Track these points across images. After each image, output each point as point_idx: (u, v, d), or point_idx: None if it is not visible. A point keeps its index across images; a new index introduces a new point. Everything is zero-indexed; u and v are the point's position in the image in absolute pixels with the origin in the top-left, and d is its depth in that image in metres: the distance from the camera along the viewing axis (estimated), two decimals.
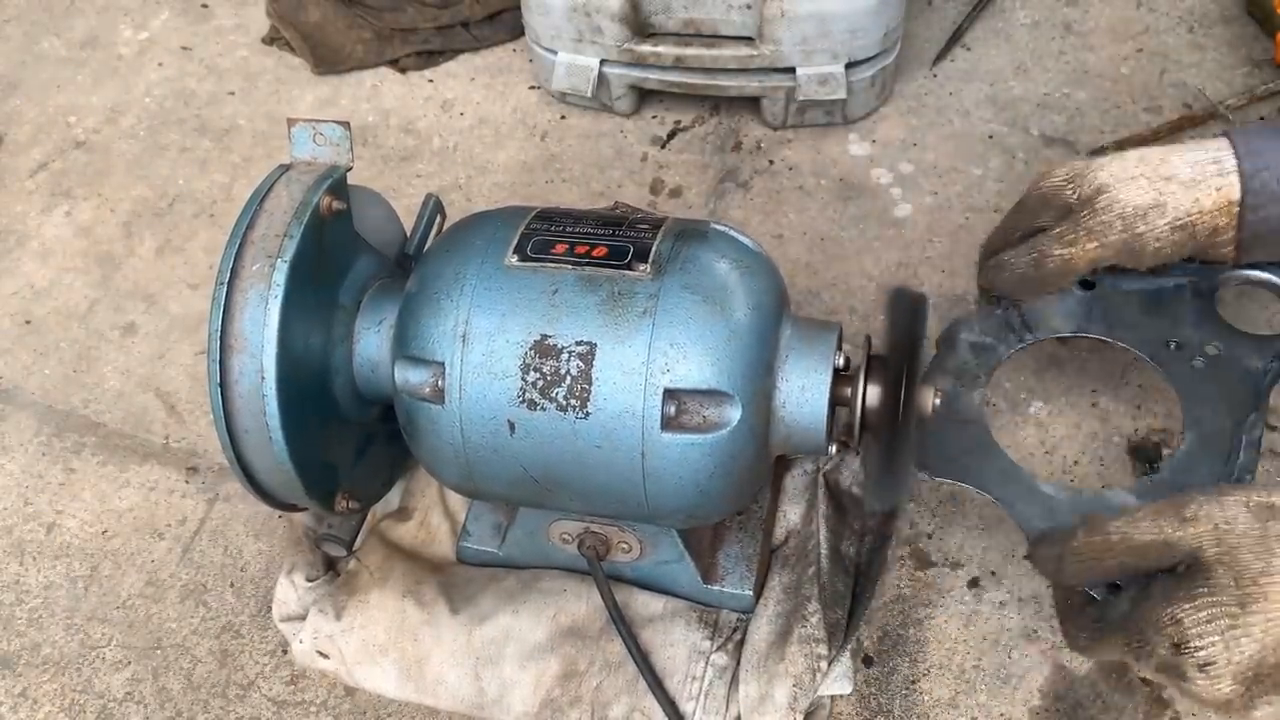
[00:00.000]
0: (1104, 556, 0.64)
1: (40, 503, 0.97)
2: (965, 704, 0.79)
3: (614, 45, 1.10)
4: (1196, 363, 0.81)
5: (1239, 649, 0.59)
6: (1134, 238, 0.74)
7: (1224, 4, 1.20)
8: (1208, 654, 0.59)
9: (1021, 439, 0.91)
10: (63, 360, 1.06)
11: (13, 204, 1.19)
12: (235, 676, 0.86)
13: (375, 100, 1.24)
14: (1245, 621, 0.59)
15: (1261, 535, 0.60)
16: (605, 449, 0.65)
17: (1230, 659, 0.59)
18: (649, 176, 1.14)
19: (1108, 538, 0.64)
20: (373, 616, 0.79)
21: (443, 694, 0.77)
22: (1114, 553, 0.64)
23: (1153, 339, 0.83)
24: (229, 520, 0.94)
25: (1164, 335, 0.82)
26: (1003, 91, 1.16)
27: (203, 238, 1.14)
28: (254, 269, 0.67)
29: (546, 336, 0.65)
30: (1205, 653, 0.59)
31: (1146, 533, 0.62)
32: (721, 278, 0.66)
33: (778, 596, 0.79)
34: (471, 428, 0.67)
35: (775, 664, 0.74)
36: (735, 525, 0.81)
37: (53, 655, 0.88)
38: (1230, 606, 0.59)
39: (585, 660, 0.77)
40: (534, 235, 0.70)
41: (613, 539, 0.76)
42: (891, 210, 1.08)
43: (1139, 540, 0.63)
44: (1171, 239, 0.74)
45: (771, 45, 1.07)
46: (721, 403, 0.64)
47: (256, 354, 0.66)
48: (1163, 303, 0.84)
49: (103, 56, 1.32)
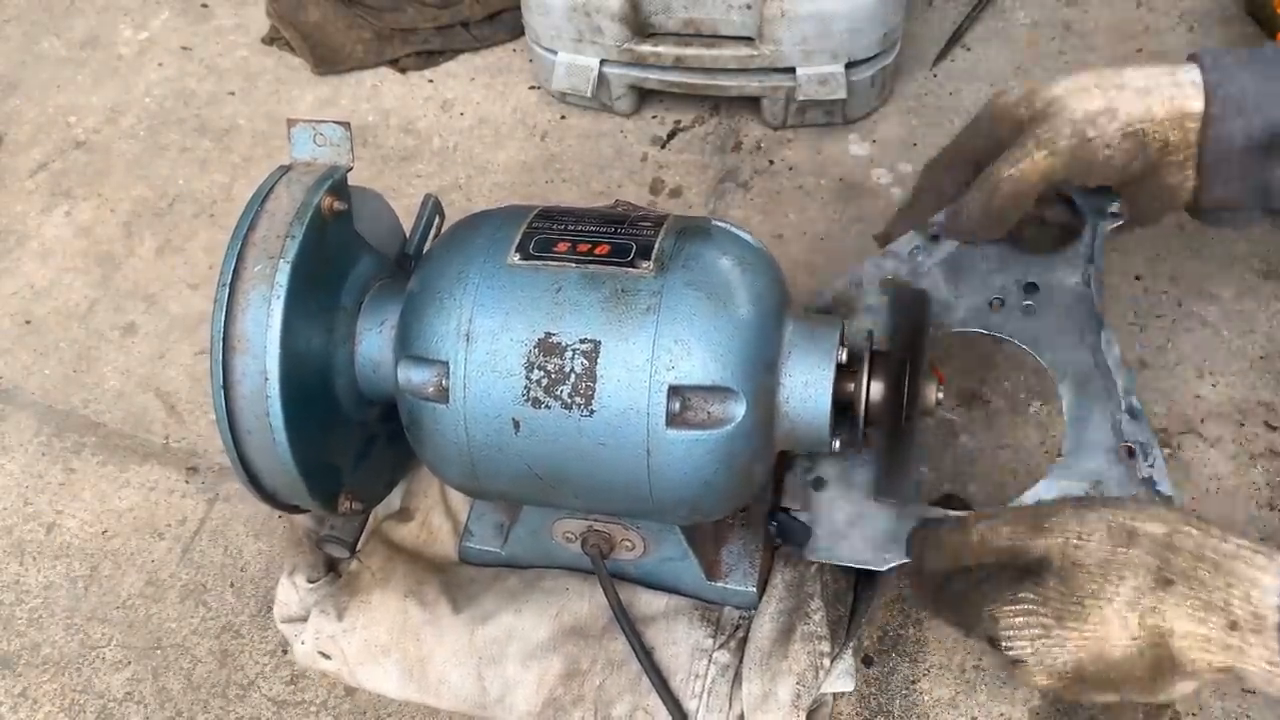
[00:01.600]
0: (961, 553, 0.66)
1: (40, 503, 0.96)
2: (965, 704, 0.79)
3: (614, 45, 1.10)
4: (1026, 306, 0.79)
5: (1050, 655, 0.61)
6: (1083, 143, 0.73)
7: (1224, 4, 1.20)
8: (1016, 654, 0.62)
9: (1021, 439, 0.91)
10: (63, 360, 1.06)
11: (13, 204, 1.19)
12: (235, 676, 0.85)
13: (375, 100, 1.24)
14: (1058, 634, 0.61)
15: (1107, 559, 0.61)
16: (610, 446, 0.65)
17: (1041, 661, 0.61)
18: (649, 176, 1.14)
19: (967, 537, 0.66)
20: (375, 617, 0.79)
21: (445, 694, 0.77)
22: (970, 551, 0.66)
23: (976, 305, 0.80)
24: (229, 520, 0.94)
25: (984, 296, 0.80)
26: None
27: (203, 238, 1.14)
28: (256, 270, 0.67)
29: (550, 334, 0.65)
30: (1014, 652, 0.62)
31: (1004, 539, 0.64)
32: (724, 274, 0.66)
33: (780, 593, 0.78)
34: (476, 426, 0.67)
35: (778, 661, 0.74)
36: (738, 522, 0.81)
37: (53, 655, 0.88)
38: (1045, 618, 0.61)
39: (588, 659, 0.77)
40: (536, 234, 0.70)
41: (616, 537, 0.76)
42: (891, 210, 1.08)
43: (995, 545, 0.65)
44: (1122, 146, 0.73)
45: (771, 45, 1.07)
46: (726, 399, 0.64)
47: (259, 355, 0.66)
48: (961, 265, 0.81)
49: (103, 56, 1.32)
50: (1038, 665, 0.62)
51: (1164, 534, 0.60)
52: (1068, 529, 0.62)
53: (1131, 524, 0.61)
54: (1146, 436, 0.73)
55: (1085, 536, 0.61)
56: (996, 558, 0.65)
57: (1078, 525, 0.62)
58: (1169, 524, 0.61)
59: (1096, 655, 0.60)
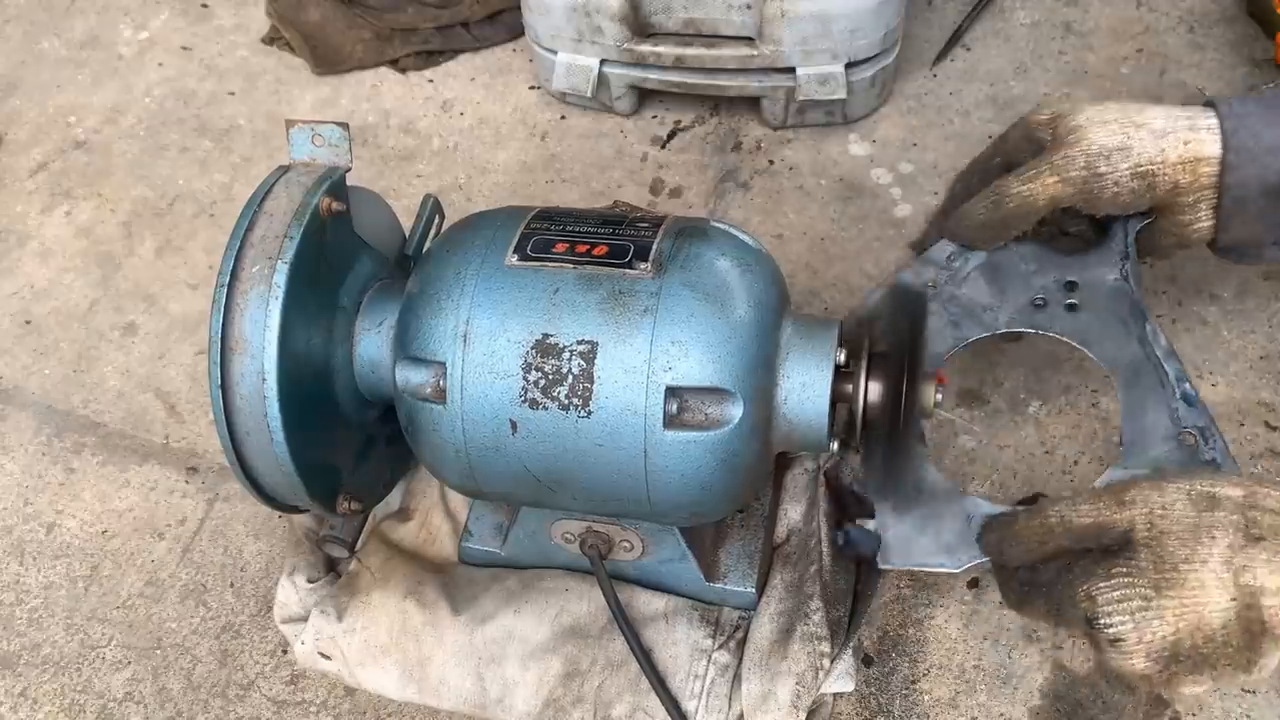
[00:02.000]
0: (1045, 539, 0.66)
1: (40, 503, 0.97)
2: (965, 704, 0.79)
3: (614, 45, 1.10)
4: (1069, 304, 0.80)
5: (1150, 629, 0.60)
6: (1094, 177, 0.74)
7: (1224, 4, 1.20)
8: (1116, 631, 0.61)
9: (1022, 439, 0.91)
10: (63, 360, 1.06)
11: (13, 204, 1.19)
12: (235, 676, 0.85)
13: (375, 100, 1.24)
14: (1158, 604, 0.60)
15: (1194, 524, 0.61)
16: (607, 447, 0.65)
17: (1140, 638, 0.61)
18: (649, 176, 1.14)
19: (1046, 520, 0.66)
20: (374, 617, 0.79)
21: (445, 694, 0.77)
22: (1053, 535, 0.65)
23: (1022, 304, 0.81)
24: (229, 520, 0.94)
25: (1026, 296, 0.81)
26: (1003, 91, 1.16)
27: (203, 238, 1.14)
28: (254, 270, 0.67)
29: (548, 335, 0.65)
30: (1114, 630, 0.61)
31: (1085, 515, 0.64)
32: (722, 275, 0.66)
33: (780, 594, 0.78)
34: (473, 427, 0.67)
35: (778, 662, 0.74)
36: (737, 523, 0.81)
37: (53, 655, 0.88)
38: (1144, 589, 0.61)
39: (587, 659, 0.77)
40: (534, 235, 0.70)
41: (615, 538, 0.76)
42: (891, 210, 1.08)
43: (1077, 524, 0.64)
44: (1130, 185, 0.74)
45: (771, 45, 1.07)
46: (723, 400, 0.64)
47: (258, 356, 0.66)
48: (1001, 269, 0.82)
49: (103, 56, 1.32)
50: (1137, 643, 0.61)
51: (1243, 496, 0.61)
52: (1150, 500, 0.62)
53: (1211, 489, 0.62)
54: (1205, 421, 0.74)
55: (1168, 506, 0.62)
56: (1078, 540, 0.64)
57: (1159, 496, 0.62)
58: (1245, 487, 0.62)
59: (1194, 626, 0.60)
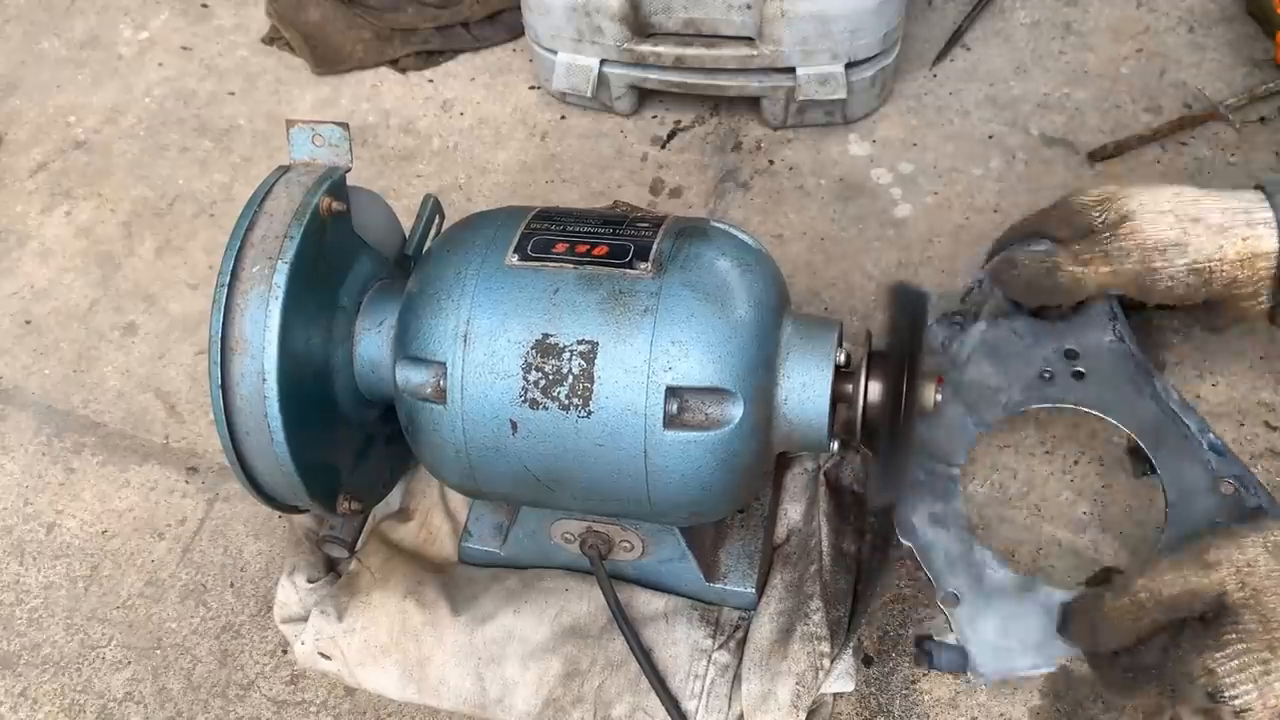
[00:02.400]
0: (1137, 617, 0.64)
1: (40, 503, 0.97)
2: (965, 704, 0.79)
3: (614, 45, 1.10)
4: (1076, 372, 0.80)
5: (1273, 693, 0.59)
6: (1148, 271, 0.74)
7: (1224, 4, 1.20)
8: (1244, 701, 0.60)
9: (1022, 439, 0.91)
10: (63, 360, 1.06)
11: (13, 204, 1.19)
12: (235, 676, 0.85)
13: (375, 100, 1.24)
14: (1277, 666, 0.59)
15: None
16: (608, 447, 0.65)
17: (1265, 703, 0.59)
18: (649, 176, 1.14)
19: (1136, 597, 0.64)
20: (374, 617, 0.79)
21: (445, 694, 0.77)
22: (1145, 612, 0.64)
23: (1030, 379, 0.81)
24: (229, 520, 0.94)
25: (1033, 370, 0.81)
26: (1003, 91, 1.16)
27: (203, 238, 1.14)
28: (254, 270, 0.67)
29: (548, 335, 0.65)
30: (1241, 700, 0.60)
31: (1172, 585, 0.63)
32: (722, 275, 0.66)
33: (780, 594, 0.78)
34: (473, 427, 0.67)
35: (778, 662, 0.74)
36: (737, 523, 0.81)
37: (53, 655, 0.88)
38: (1260, 652, 0.59)
39: (587, 659, 0.77)
40: (534, 235, 0.70)
41: (615, 538, 0.76)
42: (891, 210, 1.08)
43: (1166, 594, 0.63)
44: (1185, 280, 0.74)
45: (771, 45, 1.07)
46: (723, 400, 0.64)
47: (258, 356, 0.66)
48: (999, 347, 0.83)
49: (103, 56, 1.32)
50: (1263, 709, 0.59)
51: None
52: (1234, 559, 0.62)
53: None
54: (1240, 470, 0.74)
55: (1252, 563, 0.61)
56: (1170, 612, 0.63)
57: (1240, 554, 0.62)
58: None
59: None
